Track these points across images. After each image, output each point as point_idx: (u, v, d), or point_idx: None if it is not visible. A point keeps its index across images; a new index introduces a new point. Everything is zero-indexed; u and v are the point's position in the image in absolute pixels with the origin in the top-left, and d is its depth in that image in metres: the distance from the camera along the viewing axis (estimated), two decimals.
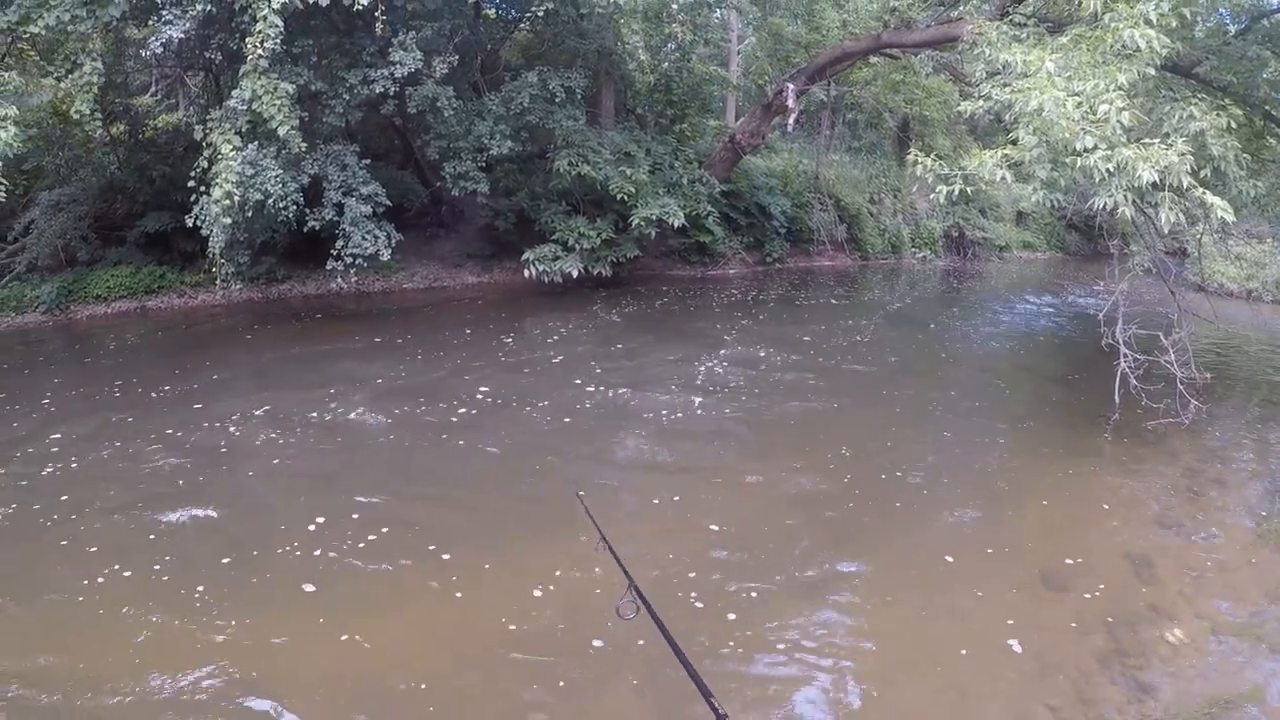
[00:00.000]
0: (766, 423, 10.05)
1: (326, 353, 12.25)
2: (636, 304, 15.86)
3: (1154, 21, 7.54)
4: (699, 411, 10.18)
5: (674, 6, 16.85)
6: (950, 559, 6.87)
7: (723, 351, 12.74)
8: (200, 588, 5.98)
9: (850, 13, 17.66)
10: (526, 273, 15.27)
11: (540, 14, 13.53)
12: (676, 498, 7.81)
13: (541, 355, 12.21)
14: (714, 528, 7.18)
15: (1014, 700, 5.17)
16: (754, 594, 6.17)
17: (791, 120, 17.38)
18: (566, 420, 9.72)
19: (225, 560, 6.42)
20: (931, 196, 8.29)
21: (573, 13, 14.67)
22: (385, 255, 12.94)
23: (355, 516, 7.13)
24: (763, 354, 12.75)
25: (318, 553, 6.50)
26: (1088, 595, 6.50)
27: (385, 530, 6.90)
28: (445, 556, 6.50)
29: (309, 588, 6.03)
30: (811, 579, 6.50)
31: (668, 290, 17.30)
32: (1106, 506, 8.30)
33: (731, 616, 5.87)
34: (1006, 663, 5.52)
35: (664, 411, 10.05)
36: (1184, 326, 10.78)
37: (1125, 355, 9.73)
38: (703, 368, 11.90)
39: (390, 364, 11.60)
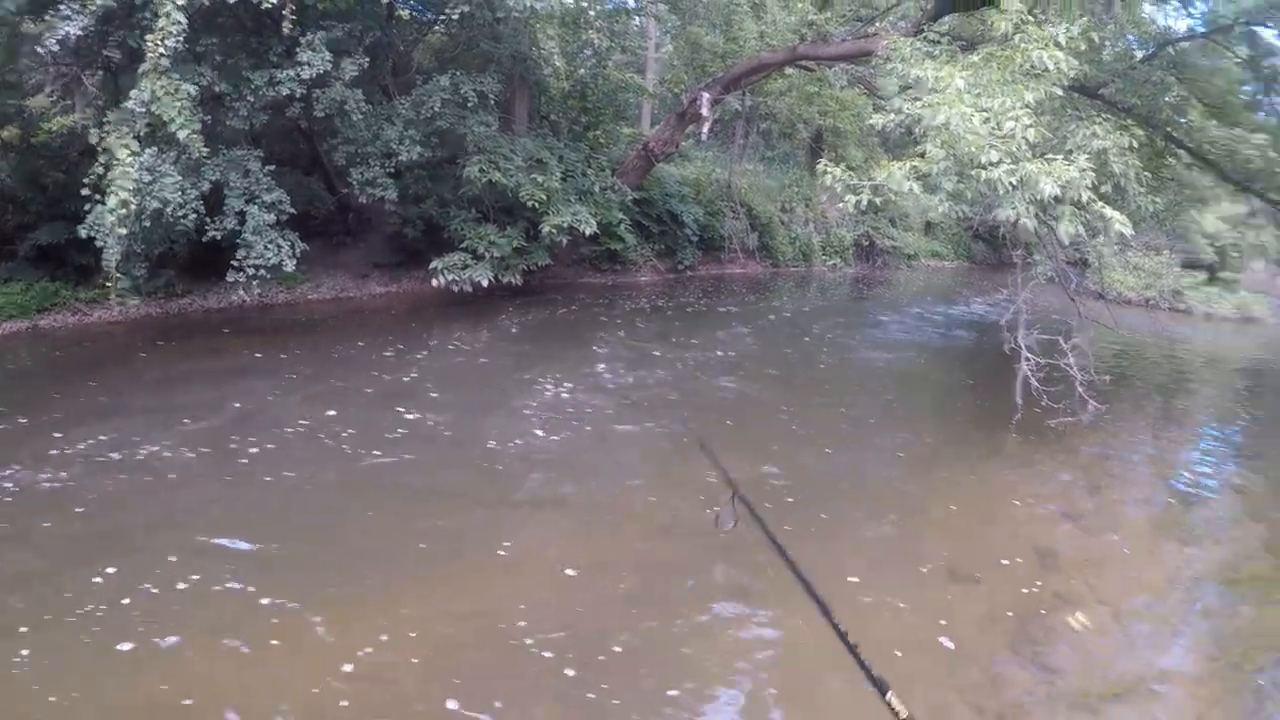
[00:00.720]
0: (634, 443, 9.96)
1: (207, 373, 11.52)
2: (542, 313, 16.09)
3: (1063, 44, 8.18)
4: (542, 437, 9.68)
5: (591, 13, 17.23)
6: (862, 560, 7.25)
7: (600, 367, 12.83)
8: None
9: (768, 24, 18.33)
10: (435, 282, 15.21)
11: (455, 16, 13.40)
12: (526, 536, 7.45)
13: (406, 375, 11.72)
14: (570, 573, 6.69)
15: (930, 690, 5.50)
16: (653, 625, 6.06)
17: (705, 129, 17.91)
18: (376, 454, 8.79)
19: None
20: (840, 206, 8.73)
21: (488, 16, 14.67)
22: (289, 266, 12.67)
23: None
24: (652, 360, 13.25)
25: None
26: (996, 587, 7.02)
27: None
28: (264, 601, 5.91)
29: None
30: (717, 602, 6.51)
31: (577, 299, 17.60)
32: (1012, 503, 8.95)
33: (619, 649, 5.71)
34: (920, 655, 5.88)
35: (491, 442, 9.33)
36: (1084, 332, 11.59)
37: (1027, 359, 10.42)
38: (561, 390, 11.45)
39: (255, 385, 10.90)
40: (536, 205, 15.09)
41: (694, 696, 5.23)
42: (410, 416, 9.98)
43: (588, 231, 15.67)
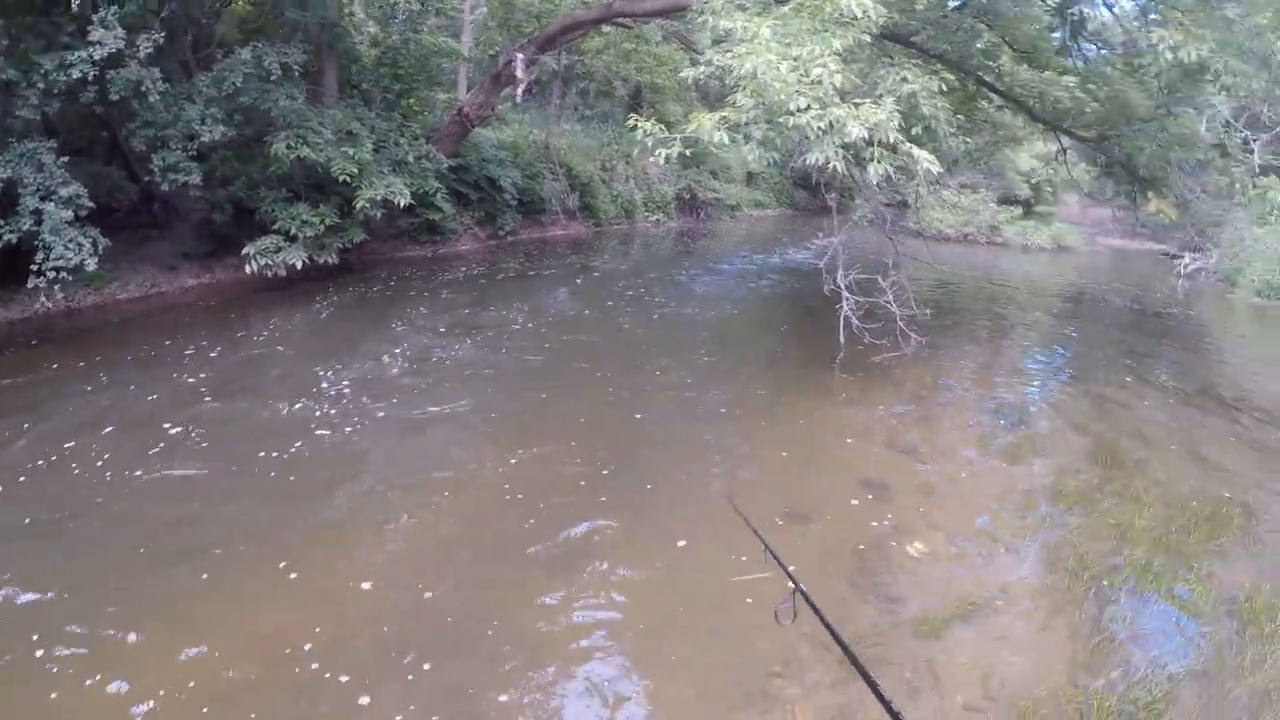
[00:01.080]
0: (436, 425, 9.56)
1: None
2: (355, 293, 15.59)
3: None
4: (327, 436, 9.02)
5: None
6: (690, 521, 7.32)
7: (402, 348, 12.22)
8: None
9: None
10: (248, 269, 14.69)
11: None
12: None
13: (199, 375, 10.83)
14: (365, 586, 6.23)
15: (775, 638, 5.62)
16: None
17: (520, 91, 17.80)
18: (140, 474, 7.89)
19: None
20: (651, 160, 8.80)
21: None
22: (91, 265, 11.90)
23: None
24: (460, 334, 12.93)
25: None
26: (830, 525, 7.30)
27: None
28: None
29: None
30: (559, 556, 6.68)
31: (394, 274, 17.21)
32: (844, 442, 9.28)
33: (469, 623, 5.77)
34: (760, 603, 6.00)
35: (270, 451, 8.53)
36: (902, 270, 12.05)
37: (847, 299, 10.84)
38: (353, 380, 10.76)
39: (43, 403, 9.77)
40: (348, 179, 14.67)
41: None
42: (174, 432, 8.91)
43: (402, 203, 15.33)
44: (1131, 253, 35.94)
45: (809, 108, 7.51)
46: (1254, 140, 15.79)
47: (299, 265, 14.87)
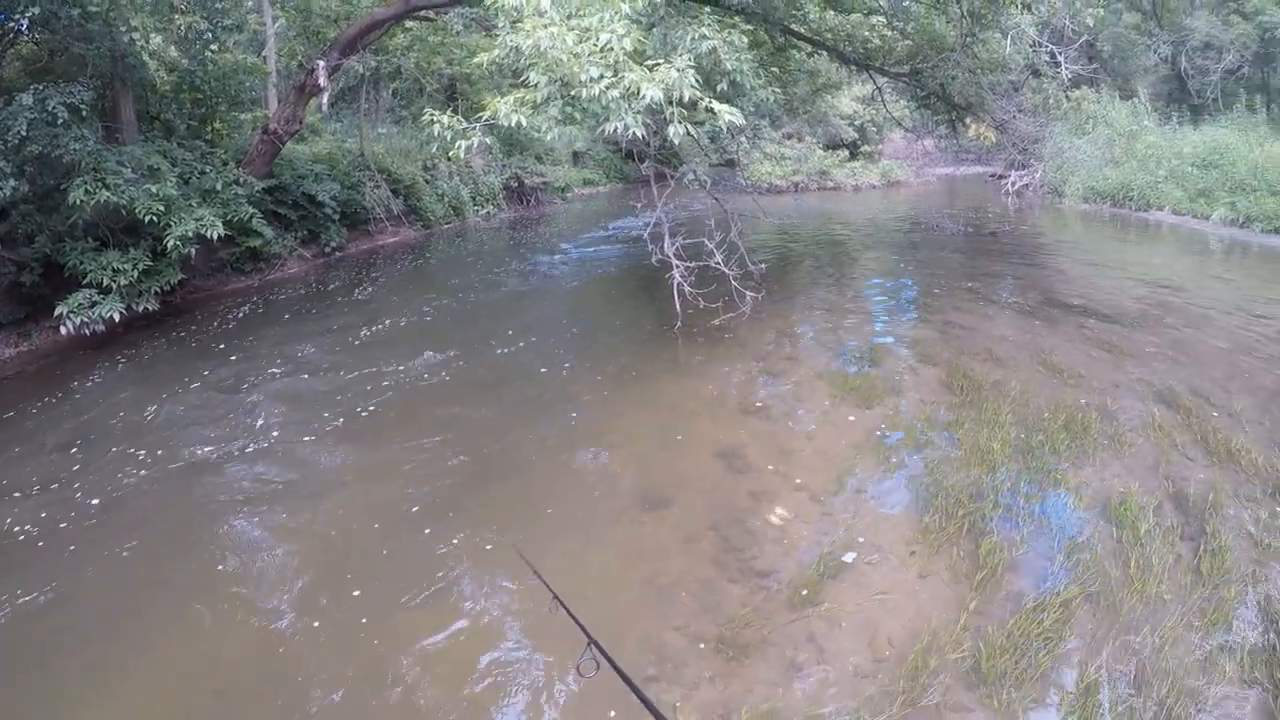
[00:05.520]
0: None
1: None
2: (180, 336, 14.08)
3: None
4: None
5: None
6: (544, 522, 6.86)
7: (232, 383, 11.07)
8: None
9: None
10: (63, 329, 13.42)
11: (23, 26, 11.98)
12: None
13: None
14: None
15: (644, 631, 5.31)
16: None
17: (326, 99, 17.00)
18: None
19: None
20: (453, 155, 8.31)
21: (72, 15, 13.01)
22: None
23: None
24: (286, 367, 11.67)
25: None
26: (689, 504, 6.94)
27: None
28: None
29: None
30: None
31: (218, 312, 15.74)
32: (692, 414, 8.96)
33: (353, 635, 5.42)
34: (627, 599, 5.70)
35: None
36: (732, 227, 11.79)
37: (676, 266, 10.50)
38: (147, 445, 8.92)
39: None
40: (155, 218, 13.56)
41: None
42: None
43: (216, 235, 14.23)
44: (960, 178, 36.98)
45: (601, 77, 7.14)
46: (1061, 54, 16.08)
47: (116, 317, 13.66)
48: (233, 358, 12.15)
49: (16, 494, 7.69)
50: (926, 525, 6.38)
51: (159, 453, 8.54)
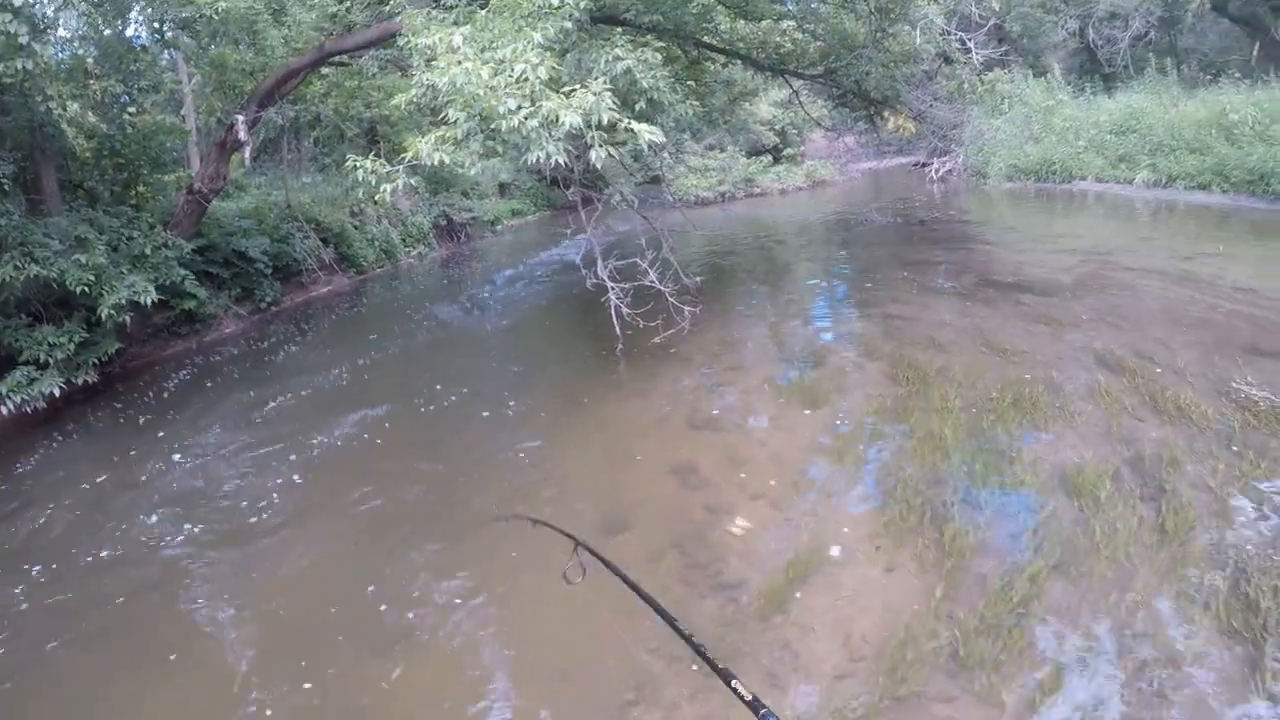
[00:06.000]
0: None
1: None
2: (104, 414, 13.56)
3: None
4: None
5: (90, 61, 15.59)
6: (513, 553, 6.65)
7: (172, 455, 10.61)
8: None
9: (291, 28, 17.29)
10: (3, 409, 12.89)
11: None
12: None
13: None
14: None
15: (618, 661, 5.25)
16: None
17: (248, 154, 16.80)
18: None
19: None
20: (379, 198, 8.23)
21: None
22: None
23: None
24: (232, 431, 11.22)
25: None
26: (649, 526, 6.88)
27: None
28: None
29: None
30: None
31: (157, 378, 15.38)
32: (641, 434, 8.90)
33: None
34: (594, 633, 5.57)
35: None
36: (664, 244, 11.81)
37: (612, 288, 10.48)
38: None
39: None
40: (87, 289, 13.38)
41: None
42: None
43: (149, 301, 13.96)
44: (884, 171, 37.38)
45: (520, 108, 7.11)
46: (970, 40, 16.33)
47: (57, 392, 13.39)
48: (159, 434, 11.75)
49: None
50: (889, 519, 6.38)
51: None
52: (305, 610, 6.37)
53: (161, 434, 11.41)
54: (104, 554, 7.82)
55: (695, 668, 4.84)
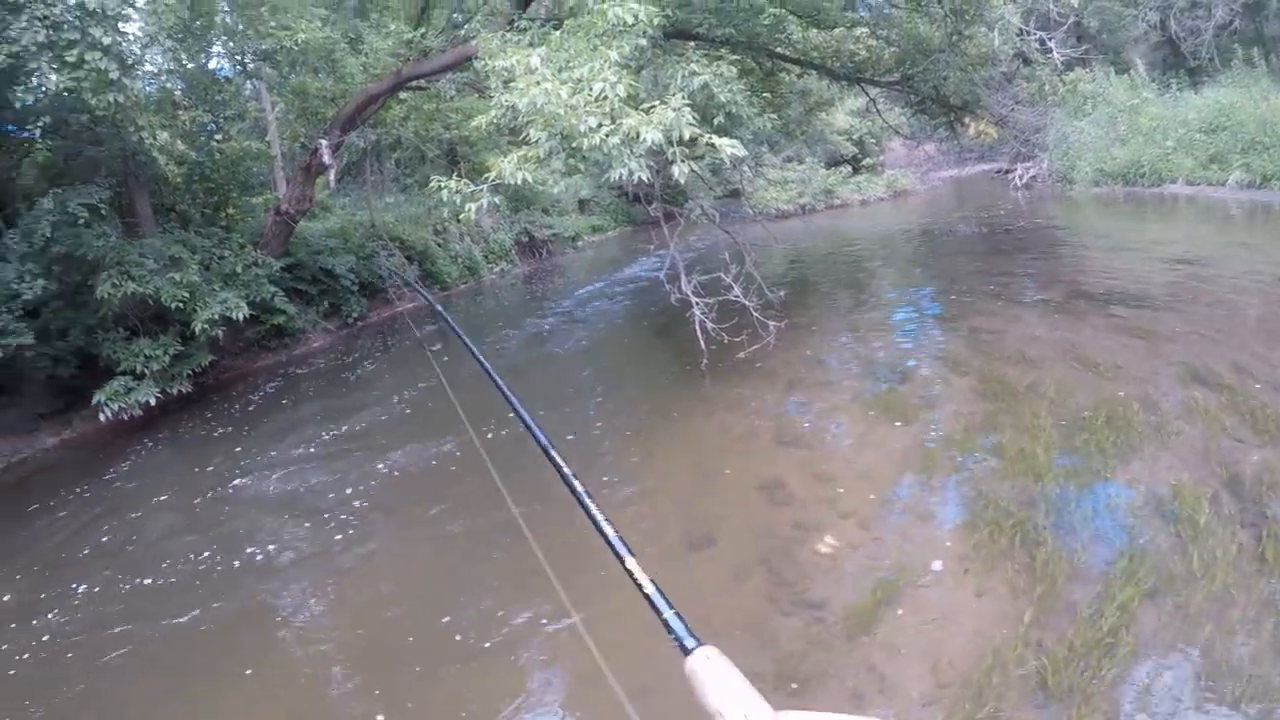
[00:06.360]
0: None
1: None
2: (212, 416, 14.35)
3: None
4: None
5: (177, 93, 16.13)
6: (602, 572, 6.46)
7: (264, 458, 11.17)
8: None
9: (368, 55, 17.72)
10: (102, 416, 13.79)
11: (36, 133, 12.52)
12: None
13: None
14: None
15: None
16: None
17: (333, 176, 17.26)
18: None
19: None
20: (463, 217, 8.35)
21: (81, 119, 13.60)
22: None
23: None
24: (319, 440, 11.58)
25: None
26: (735, 541, 6.83)
27: None
28: None
29: None
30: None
31: (249, 389, 16.09)
32: (728, 449, 8.85)
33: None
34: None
35: None
36: (746, 259, 11.73)
37: (696, 304, 10.43)
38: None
39: None
40: (181, 305, 13.97)
41: None
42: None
43: (241, 316, 14.67)
44: (966, 179, 36.84)
45: (600, 125, 7.15)
46: (1050, 39, 15.98)
47: (152, 402, 14.05)
48: (236, 448, 12.09)
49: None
50: (978, 540, 6.20)
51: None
52: (381, 629, 6.49)
53: (239, 448, 11.84)
54: (176, 567, 8.13)
55: None
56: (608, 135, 7.11)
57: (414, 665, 5.87)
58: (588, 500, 2.54)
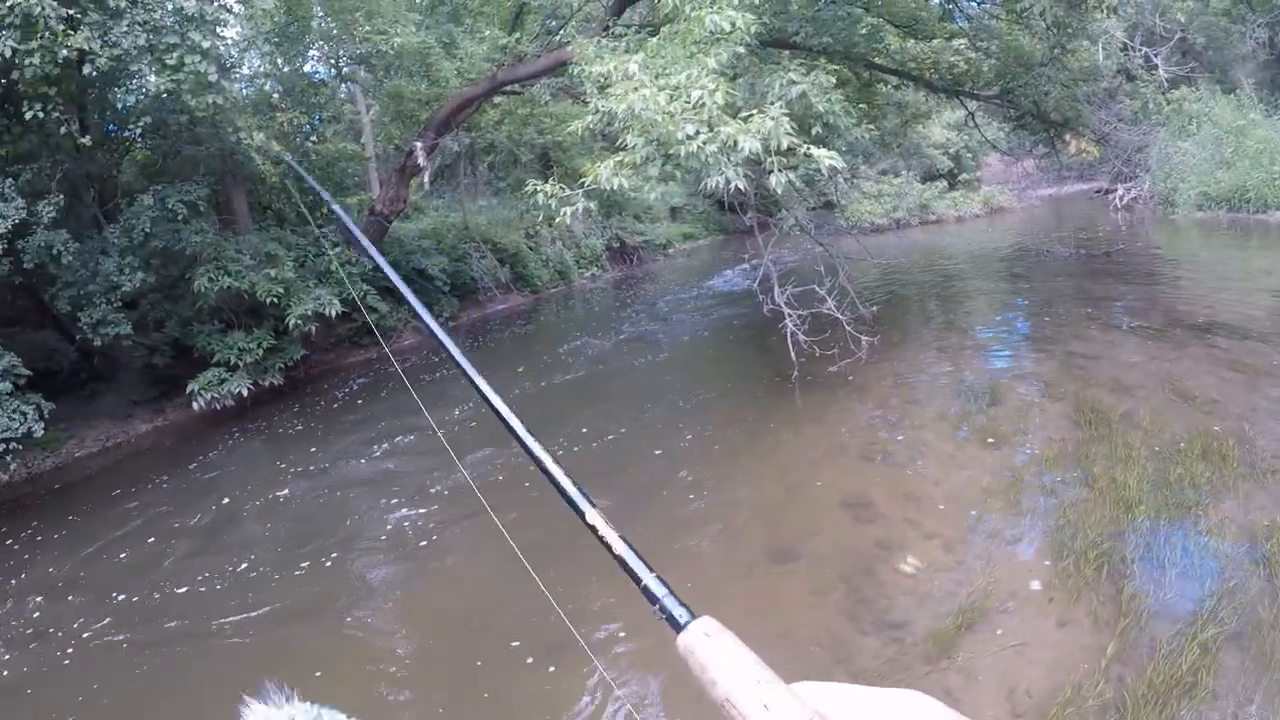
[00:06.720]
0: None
1: None
2: (291, 414, 14.71)
3: (736, 2, 8.10)
4: None
5: (274, 95, 16.68)
6: (680, 574, 6.70)
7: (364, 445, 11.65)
8: None
9: (463, 59, 17.98)
10: (195, 405, 14.35)
11: (138, 133, 12.99)
12: None
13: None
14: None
15: None
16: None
17: (427, 177, 17.54)
18: None
19: None
20: (556, 221, 8.46)
21: (181, 121, 14.03)
22: (39, 431, 11.37)
23: None
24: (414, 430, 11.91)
25: None
26: (818, 557, 6.79)
27: None
28: None
29: None
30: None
31: (336, 385, 16.51)
32: (814, 463, 8.80)
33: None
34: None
35: None
36: (840, 272, 11.64)
37: (789, 315, 10.41)
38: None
39: None
40: (276, 300, 14.39)
41: None
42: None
43: (333, 313, 15.04)
44: (1064, 198, 36.09)
45: (698, 133, 7.17)
46: (1155, 55, 15.61)
47: (244, 393, 14.55)
48: (312, 448, 12.38)
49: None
50: (1064, 570, 6.07)
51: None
52: (450, 642, 6.59)
53: (326, 441, 12.25)
54: (241, 564, 8.36)
55: None
56: (705, 143, 7.14)
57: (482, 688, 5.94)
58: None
